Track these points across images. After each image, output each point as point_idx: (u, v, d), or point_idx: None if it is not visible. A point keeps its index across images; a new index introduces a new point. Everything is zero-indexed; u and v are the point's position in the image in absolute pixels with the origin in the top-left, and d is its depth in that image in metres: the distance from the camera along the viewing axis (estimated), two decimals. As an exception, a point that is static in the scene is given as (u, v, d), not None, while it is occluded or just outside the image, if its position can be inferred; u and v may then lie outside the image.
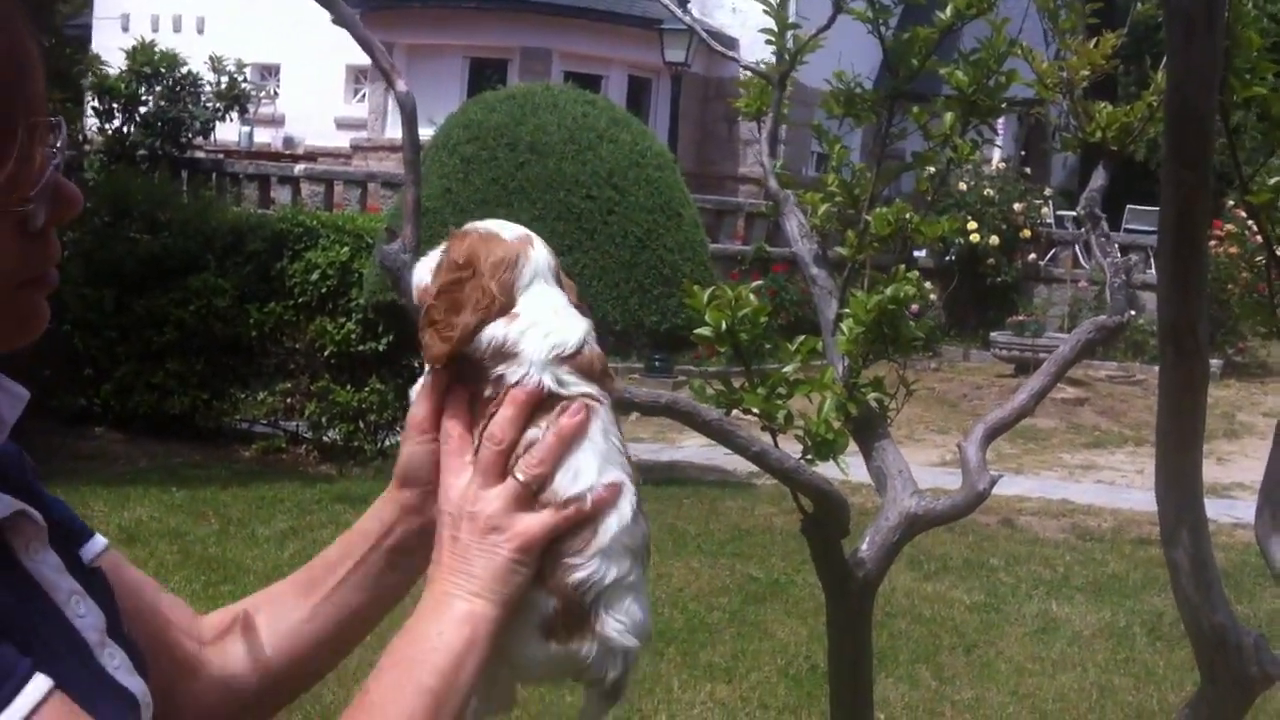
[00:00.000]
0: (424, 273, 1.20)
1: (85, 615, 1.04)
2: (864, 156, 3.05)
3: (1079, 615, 7.71)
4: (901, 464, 2.63)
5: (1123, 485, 12.15)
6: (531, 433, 1.11)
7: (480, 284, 1.14)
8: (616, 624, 1.10)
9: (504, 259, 1.15)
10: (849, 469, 2.31)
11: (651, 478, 11.01)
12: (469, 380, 1.15)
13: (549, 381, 1.11)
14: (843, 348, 2.67)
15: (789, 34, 3.12)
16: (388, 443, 11.05)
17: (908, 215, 2.83)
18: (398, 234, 2.14)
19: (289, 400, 11.54)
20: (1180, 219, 1.54)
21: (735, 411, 2.37)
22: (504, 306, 1.13)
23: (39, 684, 0.90)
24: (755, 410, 2.34)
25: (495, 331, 1.12)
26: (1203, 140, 1.48)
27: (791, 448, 2.43)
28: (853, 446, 2.53)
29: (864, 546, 2.49)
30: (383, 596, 1.28)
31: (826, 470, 2.35)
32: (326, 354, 11.23)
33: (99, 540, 1.18)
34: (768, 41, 3.10)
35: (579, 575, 1.09)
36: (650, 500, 1.23)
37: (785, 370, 2.40)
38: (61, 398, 11.60)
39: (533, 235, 1.19)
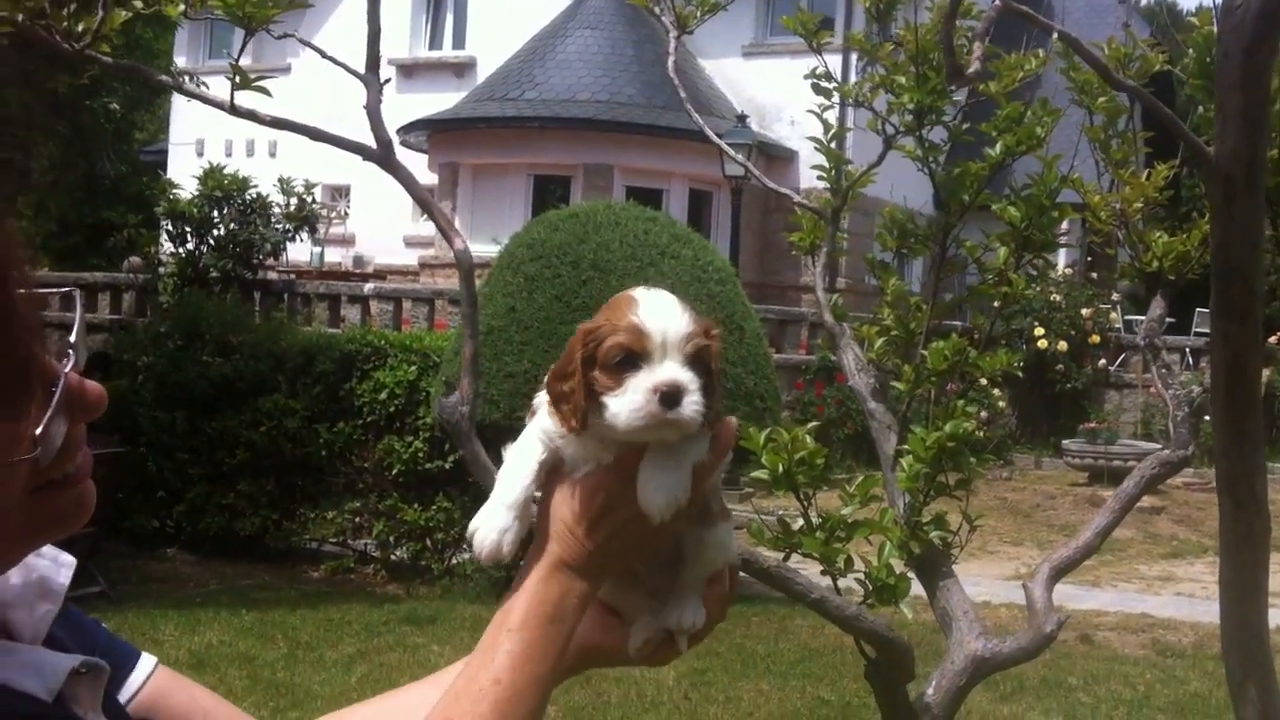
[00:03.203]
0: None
1: None
2: (923, 282, 3.06)
3: (1162, 737, 7.47)
4: (967, 604, 2.59)
5: (1203, 598, 11.81)
6: None
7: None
8: None
9: None
10: (911, 614, 2.29)
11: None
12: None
13: None
14: (903, 485, 2.66)
15: (841, 169, 3.16)
16: (454, 561, 11.05)
17: (965, 350, 2.82)
18: (455, 387, 2.18)
19: (357, 519, 11.62)
20: (1231, 374, 1.53)
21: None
22: None
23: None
24: (815, 555, 2.33)
25: None
26: (1249, 298, 1.47)
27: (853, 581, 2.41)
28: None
29: (930, 691, 2.45)
30: None
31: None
32: (394, 473, 11.31)
33: (145, 662, 1.21)
34: (820, 178, 3.14)
35: None
36: None
37: (844, 512, 2.39)
38: (134, 519, 11.78)
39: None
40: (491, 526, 1.18)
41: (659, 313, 1.12)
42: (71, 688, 1.03)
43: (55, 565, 1.09)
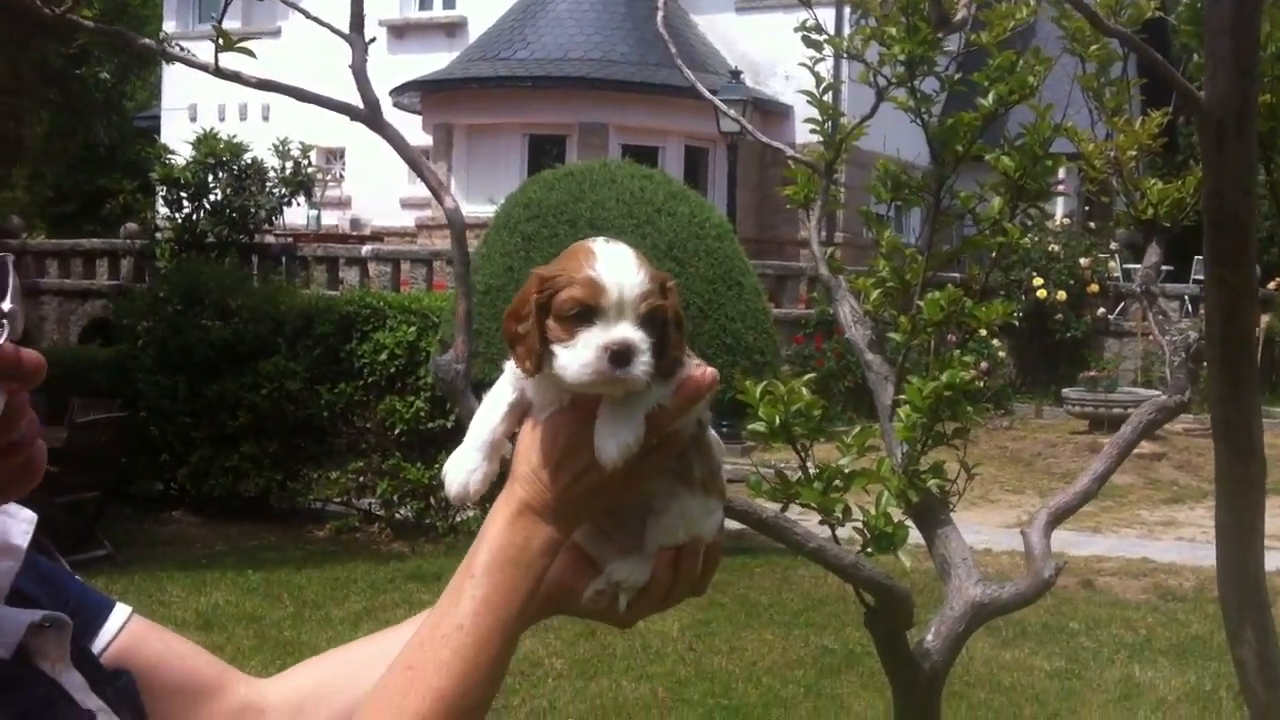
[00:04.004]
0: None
1: None
2: (920, 235, 3.06)
3: (1163, 680, 7.53)
4: (965, 551, 2.61)
5: (1204, 542, 11.86)
6: None
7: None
8: None
9: None
10: (910, 562, 2.31)
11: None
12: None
13: None
14: (901, 435, 2.67)
15: (834, 122, 3.15)
16: (459, 518, 11.11)
17: (960, 300, 2.82)
18: (450, 345, 2.19)
19: (361, 479, 11.67)
20: (1226, 321, 1.54)
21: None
22: None
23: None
24: (812, 505, 2.34)
25: None
26: (1243, 243, 1.48)
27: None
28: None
29: (929, 637, 2.48)
30: None
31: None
32: (397, 432, 11.35)
33: (119, 612, 1.23)
34: (812, 131, 3.14)
35: None
36: (721, 571, 1.27)
37: (841, 463, 2.41)
38: (139, 483, 11.84)
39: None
40: (460, 468, 1.20)
41: (616, 269, 1.12)
42: (36, 642, 1.04)
43: (15, 521, 1.10)
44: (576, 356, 1.11)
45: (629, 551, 1.24)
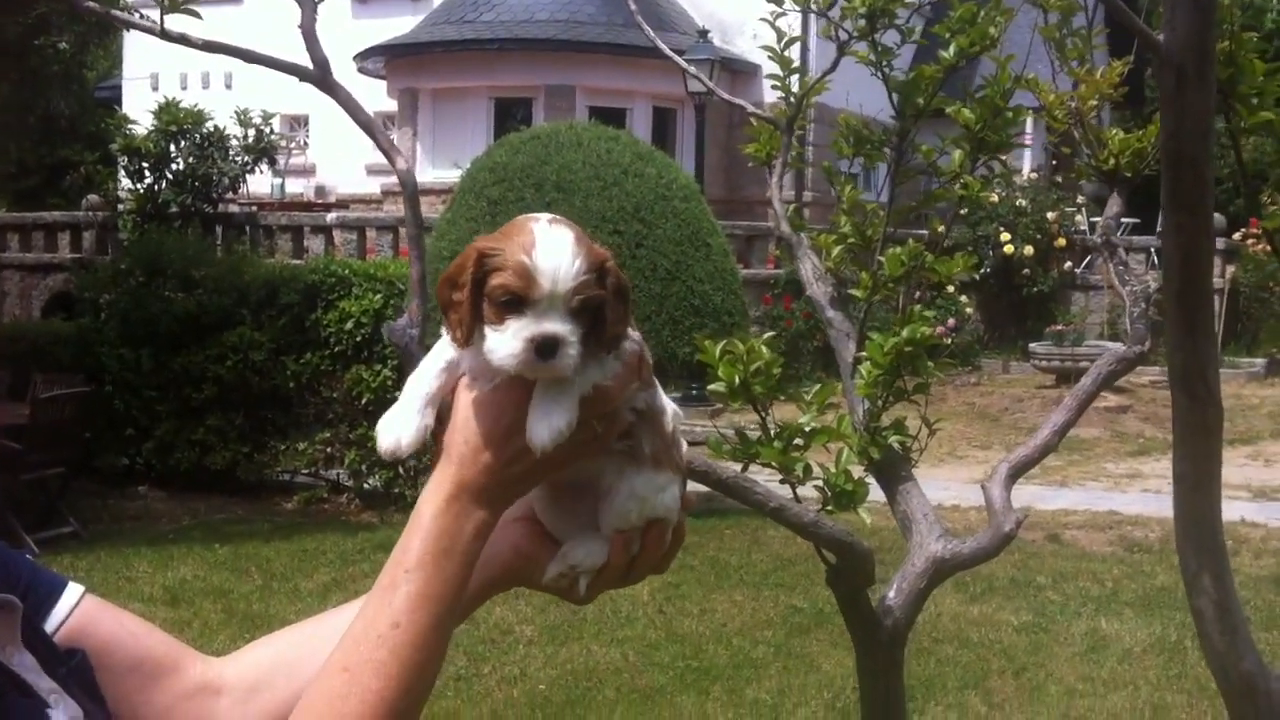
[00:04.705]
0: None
1: (64, 715, 1.06)
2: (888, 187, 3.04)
3: (1129, 631, 7.60)
4: (927, 507, 2.60)
5: (1169, 493, 11.87)
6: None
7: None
8: None
9: None
10: (869, 519, 2.29)
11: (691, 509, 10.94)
12: None
13: None
14: (861, 391, 2.66)
15: (794, 78, 3.12)
16: (427, 487, 11.07)
17: (921, 255, 2.80)
18: (404, 310, 2.15)
19: (329, 449, 11.60)
20: (1184, 264, 1.52)
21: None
22: None
23: None
24: (773, 464, 2.32)
25: None
26: (1200, 186, 1.46)
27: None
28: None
29: (891, 594, 2.47)
30: None
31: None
32: (364, 401, 11.28)
33: (72, 591, 1.20)
34: (774, 87, 3.10)
35: None
36: (691, 533, 1.25)
37: (801, 421, 2.39)
38: (104, 458, 11.73)
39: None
40: (392, 424, 1.19)
41: (552, 258, 1.10)
42: None
43: None
44: (504, 344, 1.11)
45: (586, 528, 1.23)
